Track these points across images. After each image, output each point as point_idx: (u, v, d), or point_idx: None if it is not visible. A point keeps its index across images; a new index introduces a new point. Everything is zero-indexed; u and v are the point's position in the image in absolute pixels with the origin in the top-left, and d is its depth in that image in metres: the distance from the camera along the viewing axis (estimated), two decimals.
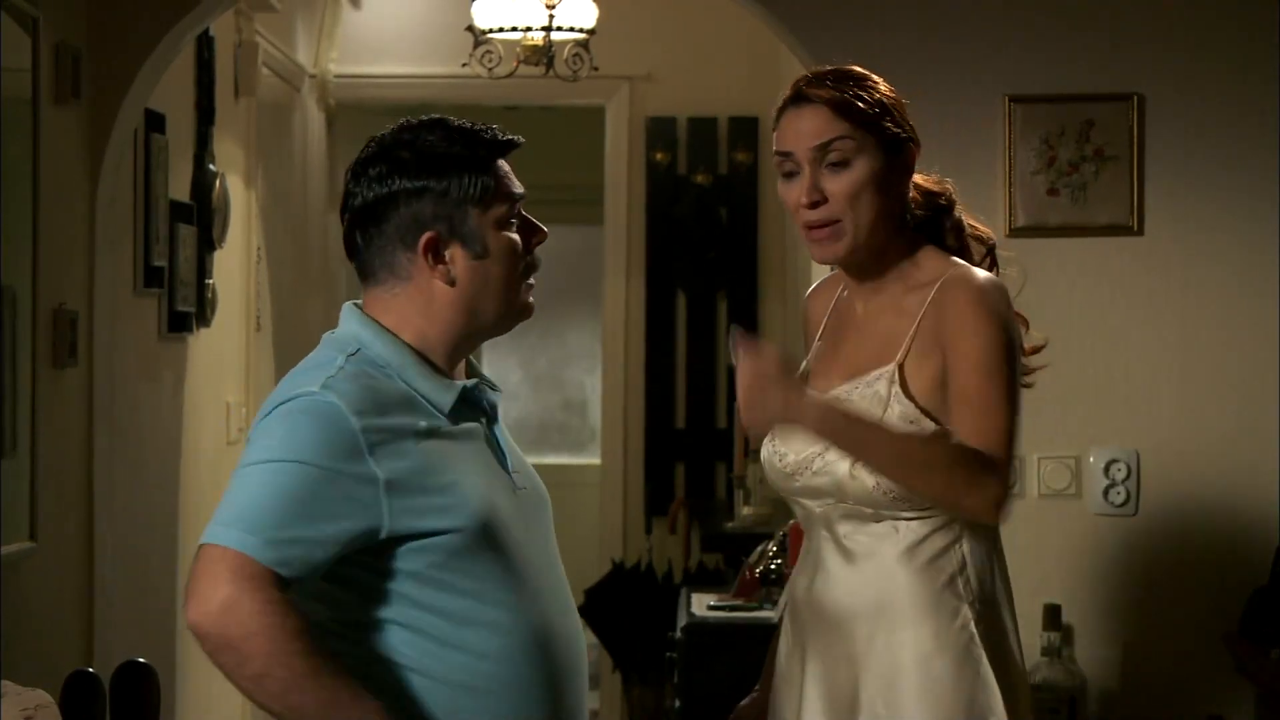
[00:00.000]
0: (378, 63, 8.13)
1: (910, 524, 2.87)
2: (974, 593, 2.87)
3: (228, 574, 2.50)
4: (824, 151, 2.91)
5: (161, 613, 5.69)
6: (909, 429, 2.82)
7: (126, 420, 5.21)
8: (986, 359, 2.82)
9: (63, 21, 4.64)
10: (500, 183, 2.71)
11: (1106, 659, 4.64)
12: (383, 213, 2.68)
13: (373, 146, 2.72)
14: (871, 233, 2.93)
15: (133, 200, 5.30)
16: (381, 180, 2.68)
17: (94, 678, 3.69)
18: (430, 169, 2.67)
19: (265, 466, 2.56)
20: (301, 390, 2.61)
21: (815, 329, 3.11)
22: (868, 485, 2.84)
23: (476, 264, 2.69)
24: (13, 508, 4.32)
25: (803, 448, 2.92)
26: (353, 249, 2.74)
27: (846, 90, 2.92)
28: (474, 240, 2.68)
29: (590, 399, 11.15)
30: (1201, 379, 4.66)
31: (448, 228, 2.68)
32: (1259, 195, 4.66)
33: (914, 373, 2.86)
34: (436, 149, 2.68)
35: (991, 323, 2.84)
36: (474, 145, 2.69)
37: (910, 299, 2.92)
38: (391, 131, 2.73)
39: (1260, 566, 4.53)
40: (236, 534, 2.52)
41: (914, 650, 2.85)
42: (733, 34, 7.83)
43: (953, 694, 2.83)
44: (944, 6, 4.70)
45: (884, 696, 2.85)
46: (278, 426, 2.59)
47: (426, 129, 2.70)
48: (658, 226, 8.25)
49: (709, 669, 3.16)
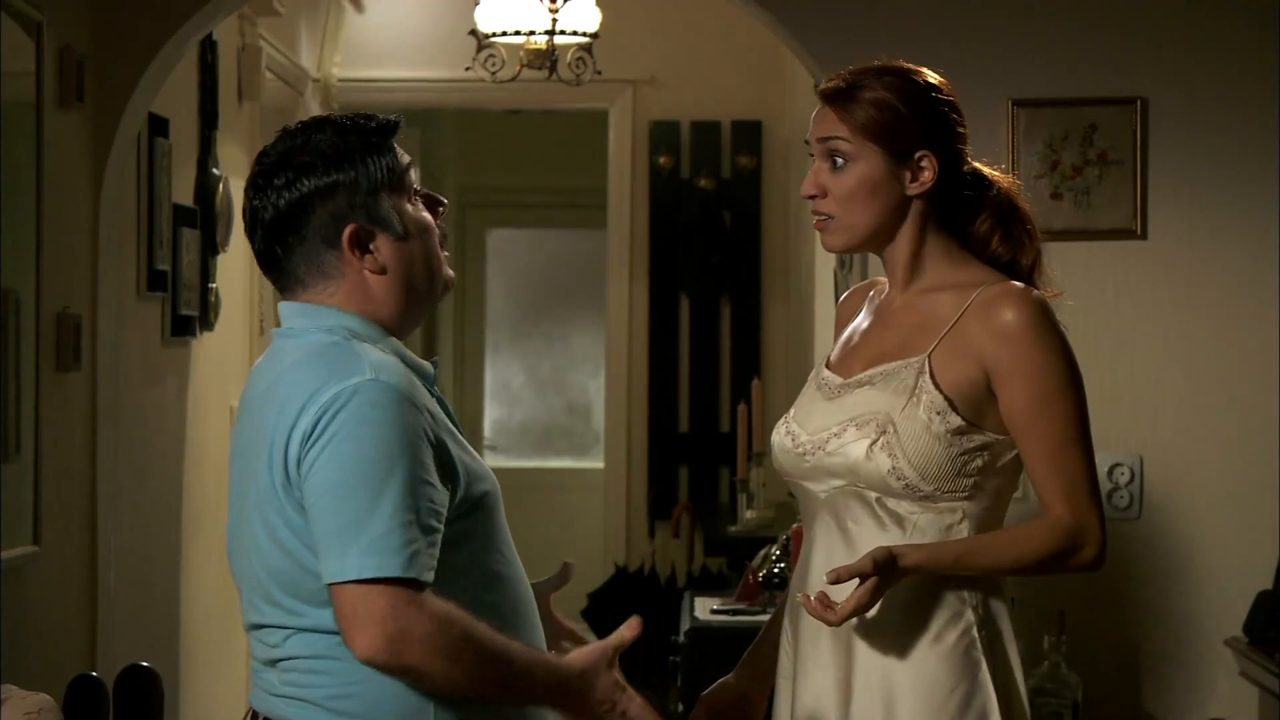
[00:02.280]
0: (381, 67, 8.14)
1: (916, 519, 2.86)
2: (978, 597, 2.87)
3: (388, 607, 2.54)
4: (827, 149, 2.92)
5: (165, 617, 5.69)
6: (937, 421, 2.82)
7: (130, 424, 5.21)
8: (1051, 395, 2.83)
9: (67, 26, 4.64)
10: (400, 163, 2.73)
11: (1110, 663, 4.64)
12: (299, 218, 2.68)
13: (268, 158, 2.71)
14: (872, 233, 2.93)
15: (136, 204, 5.30)
16: (290, 187, 2.68)
17: (97, 682, 3.69)
18: (334, 164, 2.68)
19: (372, 476, 2.56)
20: (356, 379, 2.59)
21: (842, 329, 3.11)
22: (883, 468, 2.84)
23: (400, 245, 2.71)
24: (16, 512, 4.32)
25: (819, 426, 2.92)
26: (271, 262, 2.72)
27: (856, 95, 2.91)
28: (393, 223, 2.70)
29: (594, 403, 11.14)
30: (1205, 383, 4.66)
31: (366, 216, 2.69)
32: (1262, 199, 4.66)
33: (942, 369, 2.86)
34: (335, 145, 2.69)
35: (1052, 350, 2.84)
36: (366, 133, 2.71)
37: (945, 297, 2.90)
38: (280, 139, 2.72)
39: (1264, 570, 4.53)
40: (380, 561, 2.54)
41: (912, 650, 2.85)
42: (736, 38, 7.84)
43: (948, 697, 2.83)
44: (948, 10, 4.70)
45: (879, 695, 2.85)
46: (364, 432, 2.57)
47: (315, 129, 2.71)
48: (661, 230, 8.25)
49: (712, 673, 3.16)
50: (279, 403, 2.61)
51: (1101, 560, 2.87)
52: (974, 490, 2.86)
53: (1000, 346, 2.84)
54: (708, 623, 4.93)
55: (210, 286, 6.01)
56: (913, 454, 2.83)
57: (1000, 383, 2.84)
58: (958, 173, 2.94)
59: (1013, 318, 2.84)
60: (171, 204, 5.57)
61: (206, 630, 6.12)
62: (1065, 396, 2.84)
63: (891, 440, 2.84)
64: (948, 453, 2.84)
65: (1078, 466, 2.84)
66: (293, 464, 2.59)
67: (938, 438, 2.83)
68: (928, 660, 2.84)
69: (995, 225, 2.97)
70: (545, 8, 6.52)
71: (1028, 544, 2.85)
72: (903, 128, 2.90)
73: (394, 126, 2.74)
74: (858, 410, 2.89)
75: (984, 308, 2.86)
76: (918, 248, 2.94)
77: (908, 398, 2.85)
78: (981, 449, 2.85)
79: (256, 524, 2.64)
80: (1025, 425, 2.84)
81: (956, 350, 2.86)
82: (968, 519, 2.87)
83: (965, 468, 2.85)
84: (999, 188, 2.99)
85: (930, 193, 2.92)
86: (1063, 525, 2.84)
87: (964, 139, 2.95)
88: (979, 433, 2.85)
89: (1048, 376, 2.83)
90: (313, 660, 2.64)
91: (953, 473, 2.84)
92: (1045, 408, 2.83)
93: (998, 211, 2.97)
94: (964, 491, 2.86)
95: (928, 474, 2.83)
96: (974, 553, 2.84)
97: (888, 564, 2.78)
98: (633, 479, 8.32)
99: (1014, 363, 2.83)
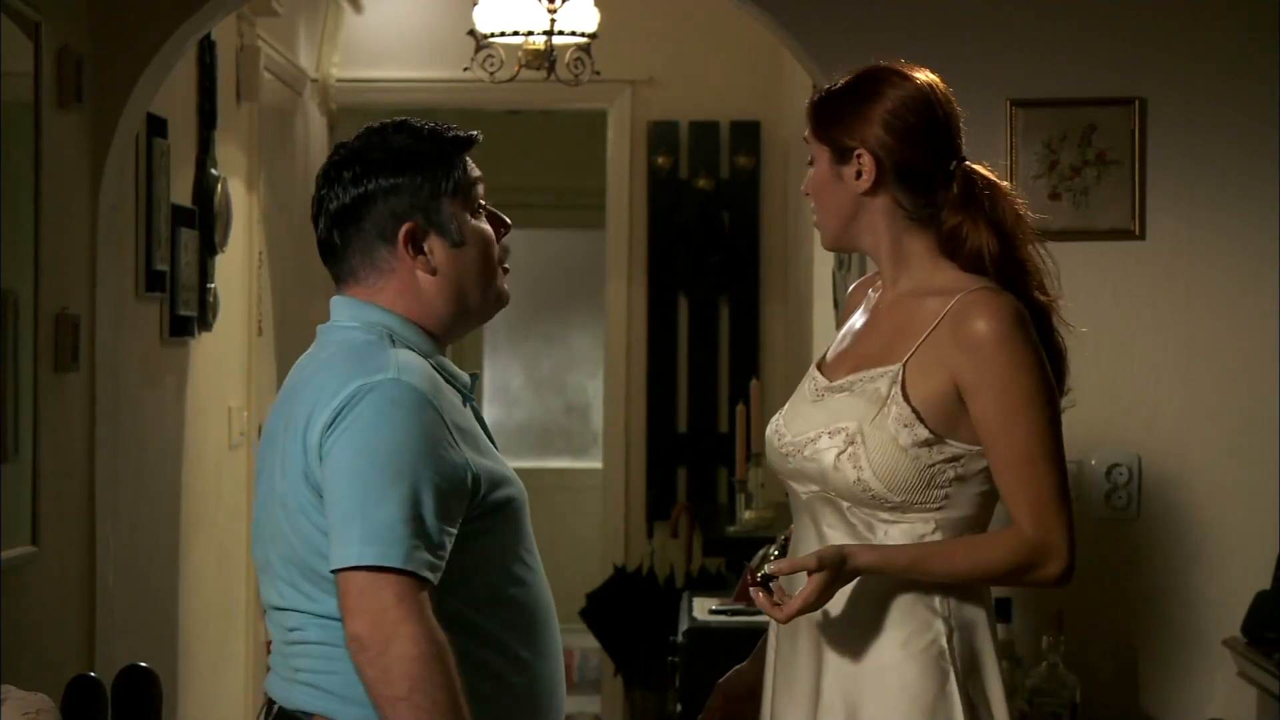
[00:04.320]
0: (380, 67, 8.13)
1: (888, 529, 2.86)
2: (950, 608, 2.85)
3: (393, 599, 2.57)
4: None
5: (163, 617, 5.69)
6: (904, 434, 2.81)
7: (128, 425, 5.21)
8: (1017, 407, 2.80)
9: (65, 26, 4.64)
10: (468, 176, 2.82)
11: (1108, 663, 4.64)
12: (361, 211, 2.77)
13: (343, 152, 2.82)
14: (840, 232, 2.98)
15: (135, 205, 5.30)
16: (357, 181, 2.78)
17: (96, 682, 3.69)
18: (404, 166, 2.78)
19: (386, 472, 2.61)
20: (379, 376, 2.65)
21: (843, 324, 3.11)
22: (849, 478, 2.83)
23: (455, 252, 2.79)
24: (14, 512, 4.32)
25: (800, 431, 2.92)
26: (330, 251, 2.82)
27: (822, 93, 2.97)
28: (450, 229, 2.78)
29: (592, 403, 11.14)
30: (1203, 383, 4.66)
31: (425, 218, 2.78)
32: (1261, 199, 4.66)
33: (914, 379, 2.85)
34: (408, 148, 2.79)
35: (1020, 362, 2.80)
36: (441, 142, 2.81)
37: (928, 302, 2.89)
38: (359, 136, 2.83)
39: (1263, 570, 4.53)
40: (380, 550, 2.58)
41: (876, 657, 2.84)
42: (735, 38, 7.83)
43: (911, 704, 2.82)
44: (946, 10, 4.70)
45: (844, 698, 2.85)
46: (381, 425, 2.63)
47: (393, 131, 2.81)
48: (660, 231, 8.25)
49: (711, 673, 3.17)
50: (309, 395, 2.69)
51: (1068, 577, 2.83)
52: (945, 501, 2.84)
53: (968, 357, 2.82)
54: (706, 623, 4.93)
55: (209, 287, 6.01)
56: (879, 466, 2.82)
57: (969, 394, 2.82)
58: (914, 172, 2.91)
59: (982, 327, 2.82)
60: (170, 204, 5.56)
61: (205, 630, 6.12)
62: (1033, 409, 2.80)
63: (858, 451, 2.83)
64: (915, 465, 2.82)
65: (1045, 480, 2.81)
66: (312, 453, 2.65)
67: (904, 450, 2.82)
68: (894, 667, 2.83)
69: (962, 225, 2.92)
70: (544, 8, 6.52)
71: (986, 554, 2.82)
72: (840, 124, 2.93)
73: (470, 141, 2.83)
74: (833, 418, 2.88)
75: (956, 317, 2.84)
76: (894, 247, 2.94)
77: (878, 408, 2.84)
78: (952, 460, 2.83)
79: (278, 510, 2.71)
80: (992, 437, 2.81)
81: (928, 360, 2.85)
82: (940, 529, 2.85)
83: (935, 480, 2.83)
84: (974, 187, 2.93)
85: (882, 190, 2.91)
86: (1025, 539, 2.81)
87: (923, 138, 2.90)
88: (948, 445, 2.83)
89: (1014, 389, 2.80)
90: (327, 648, 2.69)
91: (921, 484, 2.83)
92: (1012, 420, 2.80)
93: (964, 211, 2.92)
94: (935, 503, 2.84)
95: (894, 486, 2.82)
96: (930, 558, 2.82)
97: (835, 561, 2.77)
98: (631, 479, 8.31)
99: (980, 374, 2.81)
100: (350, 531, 2.59)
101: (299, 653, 2.72)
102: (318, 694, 2.70)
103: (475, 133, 2.84)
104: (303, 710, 2.71)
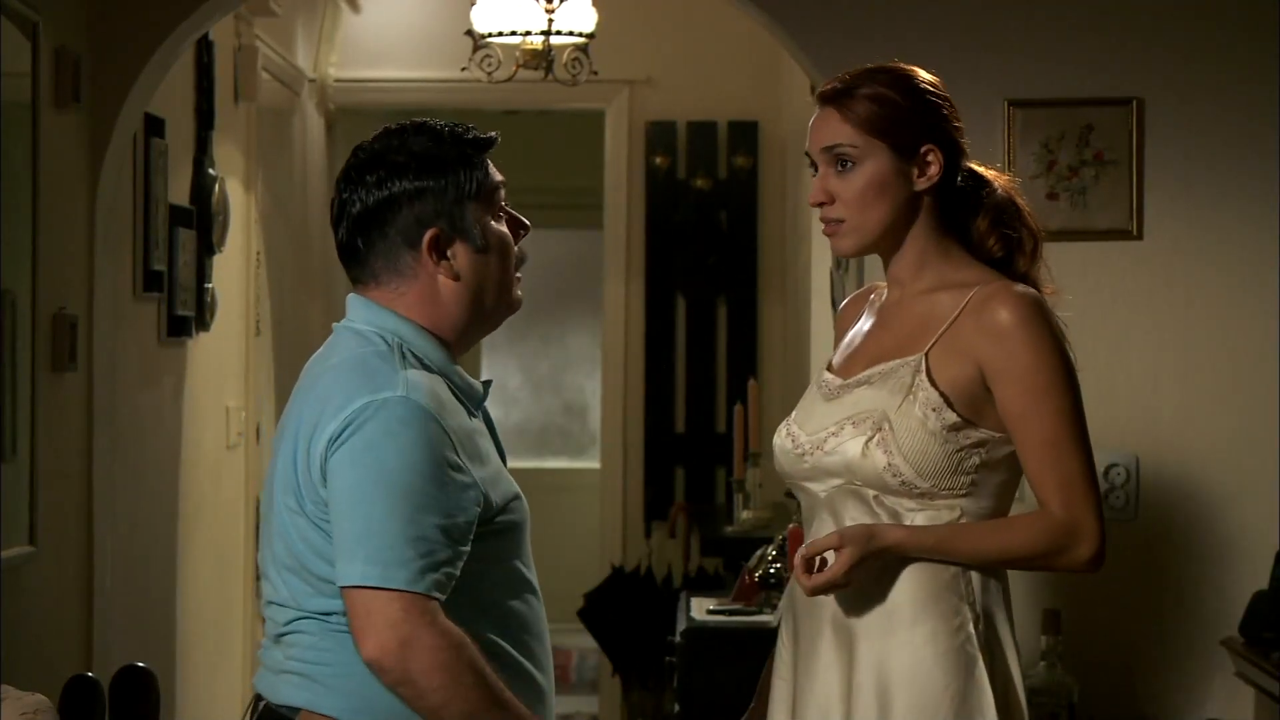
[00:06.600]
0: (377, 67, 8.13)
1: (914, 517, 2.87)
2: (975, 594, 2.88)
3: (400, 614, 2.58)
4: (832, 154, 2.93)
5: (161, 617, 5.69)
6: (932, 418, 2.83)
7: (126, 425, 5.21)
8: (1043, 391, 2.83)
9: (63, 26, 4.64)
10: (491, 179, 2.81)
11: (1106, 663, 4.64)
12: (385, 216, 2.75)
13: (362, 154, 2.79)
14: (883, 233, 2.95)
15: (132, 204, 5.29)
16: (380, 184, 2.75)
17: (93, 682, 3.69)
18: (427, 170, 2.75)
19: (394, 492, 2.61)
20: (387, 394, 2.64)
21: (843, 335, 3.11)
22: (879, 464, 2.84)
23: (479, 257, 2.78)
24: (12, 512, 4.32)
25: (816, 428, 2.93)
26: (352, 254, 2.79)
27: (855, 94, 2.93)
28: (474, 234, 2.77)
29: (590, 403, 11.14)
30: (1201, 383, 4.66)
31: (449, 224, 2.76)
32: (1259, 199, 4.66)
33: (939, 367, 2.87)
34: (429, 151, 2.77)
35: (1044, 348, 2.84)
36: (462, 144, 2.79)
37: (943, 296, 2.92)
38: (379, 138, 2.80)
39: (1260, 570, 4.53)
40: (383, 572, 2.59)
41: (908, 650, 2.85)
42: (733, 38, 7.83)
43: (942, 693, 2.83)
44: (944, 11, 4.70)
45: (875, 696, 2.85)
46: (388, 443, 2.62)
47: (413, 133, 2.78)
48: (657, 231, 8.25)
49: (708, 673, 3.16)
50: (316, 399, 2.69)
51: (1099, 560, 2.87)
52: (971, 488, 2.87)
53: (993, 345, 2.85)
54: (704, 623, 4.93)
55: (206, 287, 6.01)
56: (908, 450, 2.84)
57: (994, 381, 2.86)
58: (959, 168, 2.97)
59: (1006, 316, 2.85)
60: (168, 204, 5.56)
61: (202, 631, 6.12)
62: (1058, 394, 2.84)
63: (887, 437, 2.85)
64: (944, 449, 2.84)
65: (1072, 464, 2.85)
66: (315, 461, 2.65)
67: (933, 434, 2.84)
68: (924, 657, 2.85)
69: (993, 224, 2.99)
70: (541, 8, 6.51)
71: (1016, 535, 2.85)
72: (906, 122, 2.92)
73: (490, 142, 2.82)
74: (855, 409, 2.90)
75: (979, 307, 2.88)
76: (924, 247, 2.96)
77: (904, 395, 2.86)
78: (978, 445, 2.86)
79: (280, 504, 2.72)
80: (1019, 423, 2.85)
81: (952, 349, 2.88)
82: (966, 517, 2.87)
83: (962, 464, 2.85)
84: (997, 186, 3.01)
85: (936, 189, 2.94)
86: (1055, 520, 2.84)
87: (962, 134, 2.98)
88: (975, 429, 2.85)
89: (1040, 374, 2.84)
90: (318, 638, 2.70)
91: (949, 469, 2.85)
92: (1038, 405, 2.84)
93: (996, 209, 2.99)
94: (962, 489, 2.86)
95: (924, 470, 2.84)
96: (958, 538, 2.84)
97: (861, 538, 2.79)
98: (629, 479, 8.31)
99: (1006, 361, 2.85)
100: (356, 550, 2.60)
101: (290, 643, 2.73)
102: (305, 683, 2.70)
103: (494, 134, 2.83)
104: (289, 705, 2.71)
